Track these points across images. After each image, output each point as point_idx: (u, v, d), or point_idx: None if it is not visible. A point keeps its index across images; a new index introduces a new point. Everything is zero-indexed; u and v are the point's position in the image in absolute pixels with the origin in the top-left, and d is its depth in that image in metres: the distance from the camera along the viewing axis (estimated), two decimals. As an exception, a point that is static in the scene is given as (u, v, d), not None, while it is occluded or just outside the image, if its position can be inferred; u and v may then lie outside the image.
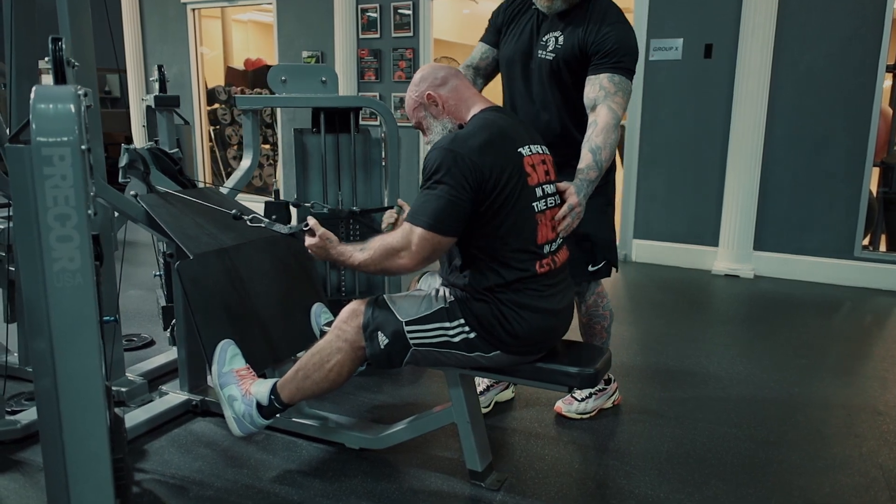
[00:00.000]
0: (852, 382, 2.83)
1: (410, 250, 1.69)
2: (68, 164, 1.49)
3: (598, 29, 2.08)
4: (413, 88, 1.91)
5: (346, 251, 1.81)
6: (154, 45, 6.97)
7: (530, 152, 1.82)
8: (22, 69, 2.42)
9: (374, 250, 1.75)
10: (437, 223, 1.67)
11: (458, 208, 1.67)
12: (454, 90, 1.88)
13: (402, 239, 1.70)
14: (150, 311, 3.62)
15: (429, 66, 1.94)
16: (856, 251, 4.33)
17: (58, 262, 1.52)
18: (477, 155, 1.68)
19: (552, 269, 1.83)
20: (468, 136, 1.73)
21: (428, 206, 1.68)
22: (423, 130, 1.94)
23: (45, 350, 1.59)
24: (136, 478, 2.04)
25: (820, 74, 4.24)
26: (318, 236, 1.84)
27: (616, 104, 2.04)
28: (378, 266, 1.76)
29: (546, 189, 1.85)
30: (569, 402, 2.46)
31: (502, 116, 1.85)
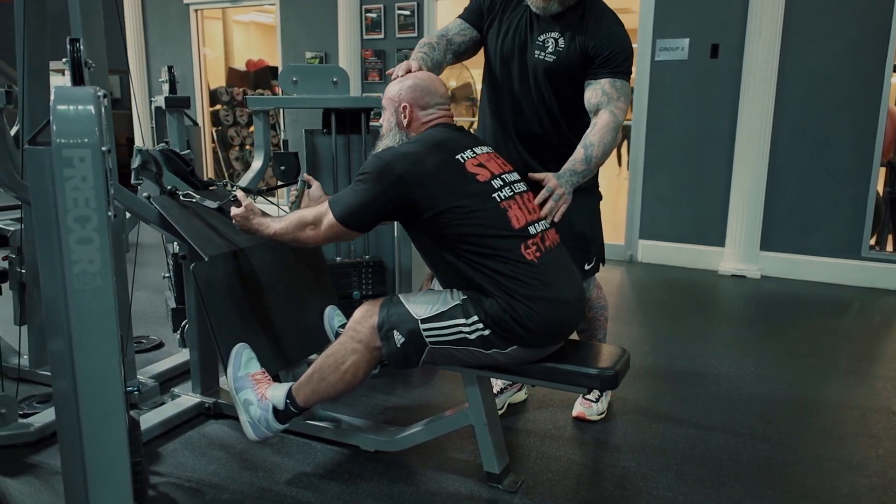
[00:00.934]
0: (864, 383, 2.83)
1: (319, 229, 1.84)
2: (89, 166, 1.49)
3: (598, 32, 2.09)
4: (399, 86, 1.95)
5: (265, 222, 1.95)
6: (156, 46, 6.96)
7: (473, 154, 1.87)
8: (33, 71, 2.41)
9: (290, 222, 1.89)
10: (347, 217, 1.80)
11: (370, 210, 1.80)
12: (428, 116, 1.93)
13: (316, 217, 1.84)
14: (158, 313, 3.61)
15: (428, 80, 1.96)
16: (863, 251, 4.33)
17: (78, 264, 1.51)
18: (404, 166, 1.76)
19: (542, 250, 1.82)
20: (401, 148, 1.84)
21: (347, 199, 1.81)
22: (381, 121, 2.01)
23: (64, 352, 1.59)
24: (152, 481, 2.03)
25: (826, 75, 4.24)
26: (244, 206, 1.98)
27: (618, 109, 2.06)
28: (290, 235, 1.89)
29: (506, 178, 1.88)
30: (587, 405, 2.45)
31: (443, 130, 1.91)
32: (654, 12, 4.63)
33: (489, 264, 1.77)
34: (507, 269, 1.76)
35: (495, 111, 2.31)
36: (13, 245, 2.61)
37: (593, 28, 2.09)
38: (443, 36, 2.29)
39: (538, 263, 1.79)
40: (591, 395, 2.46)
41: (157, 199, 2.23)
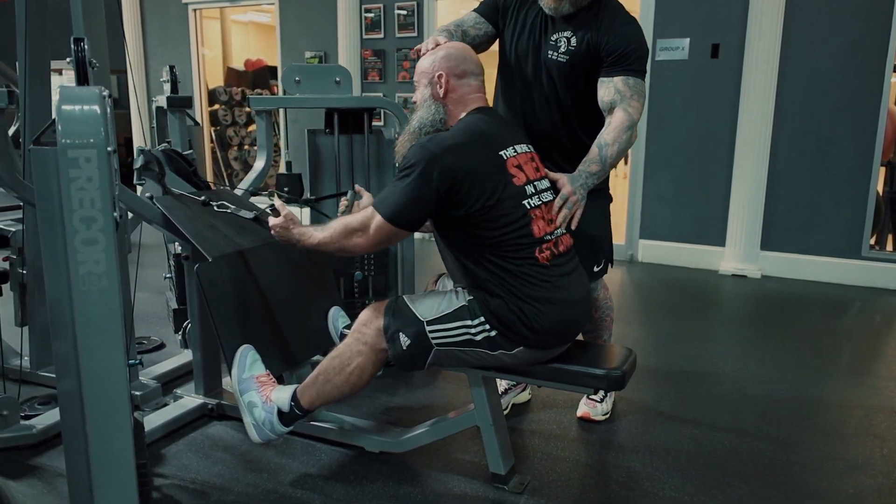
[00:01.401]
0: (867, 382, 2.83)
1: (367, 233, 1.75)
2: (94, 167, 1.48)
3: (611, 30, 2.06)
4: (432, 58, 1.89)
5: (307, 231, 1.85)
6: (155, 46, 6.94)
7: (514, 153, 1.82)
8: (34, 71, 2.40)
9: (335, 230, 1.80)
10: (396, 216, 1.72)
11: (419, 206, 1.71)
12: (465, 86, 1.88)
13: (363, 221, 1.75)
14: (159, 314, 3.60)
15: (461, 49, 1.92)
16: (863, 251, 4.34)
17: (83, 265, 1.50)
18: (452, 158, 1.70)
19: (555, 254, 1.82)
20: (448, 138, 1.75)
21: (393, 197, 1.72)
22: (415, 97, 1.95)
23: (69, 353, 1.58)
24: (156, 483, 2.02)
25: (827, 75, 4.25)
26: (283, 216, 1.88)
27: (633, 108, 2.03)
28: (336, 244, 1.80)
29: (537, 185, 1.85)
30: (592, 405, 2.44)
31: (486, 119, 1.86)
32: (654, 12, 4.62)
33: (502, 264, 1.76)
34: (517, 271, 1.76)
35: (508, 108, 2.31)
36: (14, 246, 2.60)
37: (606, 26, 2.07)
38: (458, 26, 2.27)
39: (549, 265, 1.79)
40: (595, 395, 2.45)
41: (161, 199, 2.22)
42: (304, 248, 1.89)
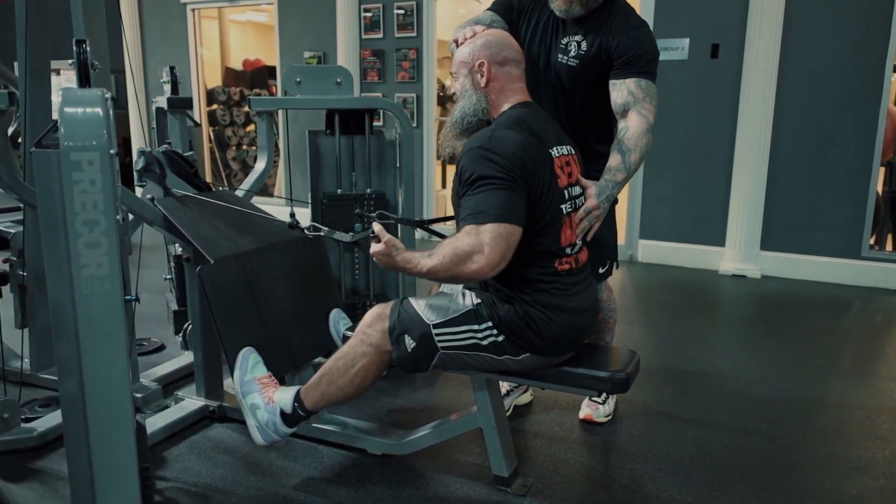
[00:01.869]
0: (868, 383, 2.83)
1: (483, 252, 1.60)
2: (97, 169, 1.47)
3: (621, 33, 2.04)
4: (471, 47, 1.84)
5: (414, 258, 1.72)
6: (153, 46, 6.92)
7: (559, 153, 1.80)
8: (35, 72, 2.39)
9: (444, 255, 1.64)
10: (505, 213, 1.61)
11: (517, 195, 1.64)
12: (506, 76, 1.83)
13: (473, 241, 1.61)
14: (159, 315, 3.59)
15: (501, 35, 1.87)
16: (863, 251, 4.34)
17: (86, 268, 1.50)
18: (518, 150, 1.66)
19: (573, 267, 1.81)
20: (505, 134, 1.69)
21: (486, 201, 1.62)
22: (454, 88, 1.89)
23: (71, 355, 1.57)
24: (158, 486, 2.01)
25: (827, 75, 4.25)
26: (384, 242, 1.74)
27: (646, 111, 2.02)
28: (449, 272, 1.65)
29: (572, 191, 1.83)
30: (594, 407, 2.43)
31: (533, 115, 1.82)
32: (654, 12, 4.62)
33: (519, 271, 1.73)
34: (533, 278, 1.75)
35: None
36: (14, 247, 2.59)
37: (617, 28, 2.05)
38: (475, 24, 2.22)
39: (563, 275, 1.78)
40: (598, 396, 2.45)
41: (162, 200, 2.21)
42: (411, 275, 1.77)
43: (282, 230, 2.42)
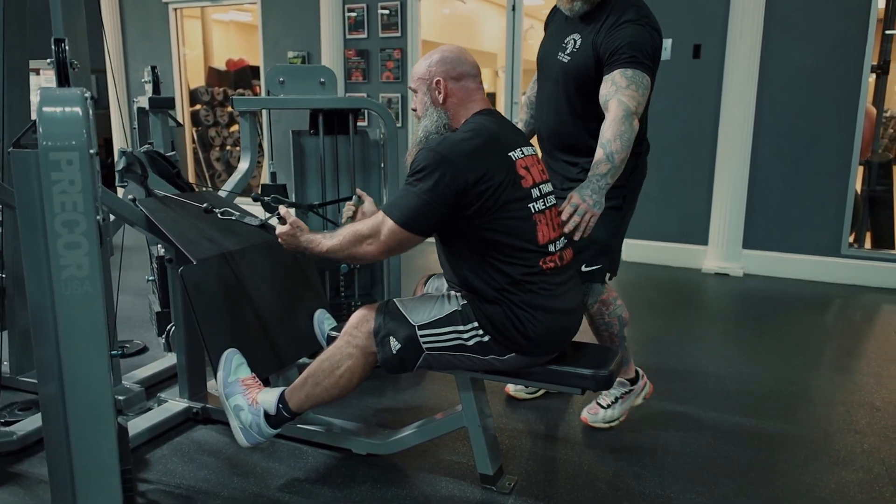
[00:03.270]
0: (848, 379, 2.87)
1: (379, 239, 1.73)
2: (76, 169, 1.46)
3: (610, 30, 2.04)
4: (427, 63, 1.86)
5: (316, 238, 1.84)
6: (135, 46, 6.86)
7: (522, 154, 1.81)
8: (13, 71, 2.36)
9: (344, 237, 1.78)
10: (409, 220, 1.69)
11: (432, 210, 1.68)
12: (463, 89, 1.85)
13: (373, 227, 1.73)
14: (141, 317, 3.55)
15: (457, 51, 1.88)
16: (842, 249, 4.40)
17: (66, 269, 1.49)
18: (464, 161, 1.68)
19: (558, 266, 1.82)
20: (459, 141, 1.73)
21: (404, 201, 1.70)
22: (414, 105, 1.92)
23: (51, 358, 1.56)
24: (141, 488, 1.99)
25: (807, 75, 4.30)
26: (290, 224, 1.86)
27: (627, 96, 1.95)
28: (346, 252, 1.78)
29: (542, 189, 1.84)
30: (594, 411, 2.38)
31: (494, 121, 1.84)
32: (636, 13, 4.66)
33: (506, 270, 1.74)
34: (521, 277, 1.75)
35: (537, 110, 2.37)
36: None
37: (608, 26, 2.04)
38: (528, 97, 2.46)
39: (549, 275, 1.79)
40: (603, 399, 2.39)
41: (143, 201, 2.19)
42: (312, 255, 1.87)
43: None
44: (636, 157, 2.18)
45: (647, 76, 2.00)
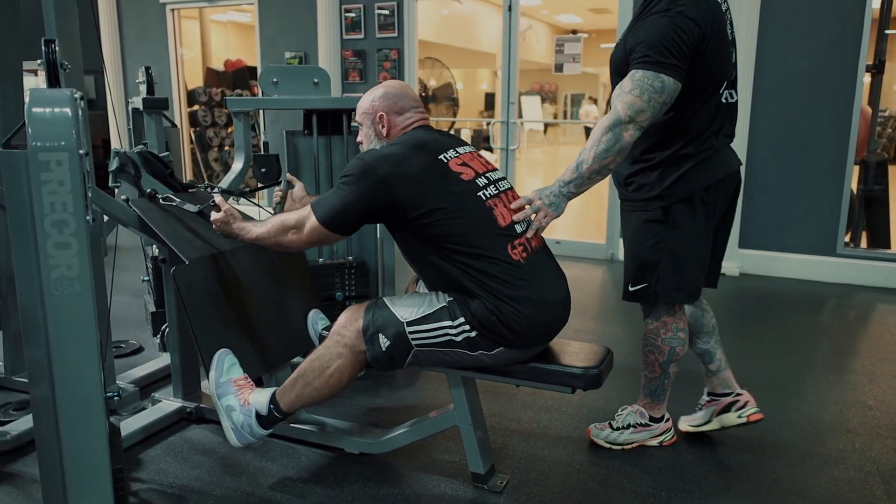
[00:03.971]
0: (842, 378, 2.87)
1: (302, 232, 1.82)
2: (66, 170, 1.47)
3: (638, 20, 1.91)
4: (371, 98, 1.96)
5: (247, 226, 1.92)
6: (132, 46, 6.86)
7: (456, 154, 1.87)
8: (6, 72, 2.37)
9: (272, 225, 1.87)
10: (330, 220, 1.79)
11: (354, 212, 1.78)
12: (405, 121, 1.94)
13: (299, 220, 1.82)
14: (136, 317, 3.57)
15: (400, 87, 1.97)
16: (838, 248, 4.40)
17: (56, 269, 1.49)
18: (388, 168, 1.75)
19: (529, 252, 1.83)
20: (384, 150, 1.82)
21: (330, 201, 1.79)
22: (360, 137, 2.01)
23: (42, 358, 1.56)
24: (133, 487, 2.00)
25: (803, 74, 4.31)
26: (223, 211, 1.95)
27: (623, 103, 1.83)
28: (272, 240, 1.87)
29: (490, 176, 1.89)
30: (602, 426, 2.28)
31: (425, 132, 1.92)
32: (630, 13, 4.67)
33: (475, 264, 1.77)
34: (492, 270, 1.76)
35: None
36: (-14, 250, 2.56)
37: (633, 23, 1.93)
38: None
39: (524, 264, 1.80)
40: (617, 420, 2.27)
41: (136, 201, 2.20)
42: (243, 241, 1.96)
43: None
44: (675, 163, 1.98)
45: (661, 76, 1.81)
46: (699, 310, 2.28)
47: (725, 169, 2.03)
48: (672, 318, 2.14)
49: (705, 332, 2.29)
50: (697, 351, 2.30)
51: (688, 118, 1.94)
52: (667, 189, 1.99)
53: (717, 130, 1.99)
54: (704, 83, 1.92)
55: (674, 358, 2.17)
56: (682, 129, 1.96)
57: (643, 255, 2.07)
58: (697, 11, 1.83)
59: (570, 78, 11.47)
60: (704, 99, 1.94)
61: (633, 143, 1.86)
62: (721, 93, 1.98)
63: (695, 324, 2.28)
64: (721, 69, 1.95)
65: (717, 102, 1.97)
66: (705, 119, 1.96)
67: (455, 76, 9.15)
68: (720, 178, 2.01)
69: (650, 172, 2.02)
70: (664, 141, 1.98)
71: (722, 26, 1.93)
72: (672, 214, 2.01)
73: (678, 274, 2.05)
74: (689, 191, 1.99)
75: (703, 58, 1.86)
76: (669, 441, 2.27)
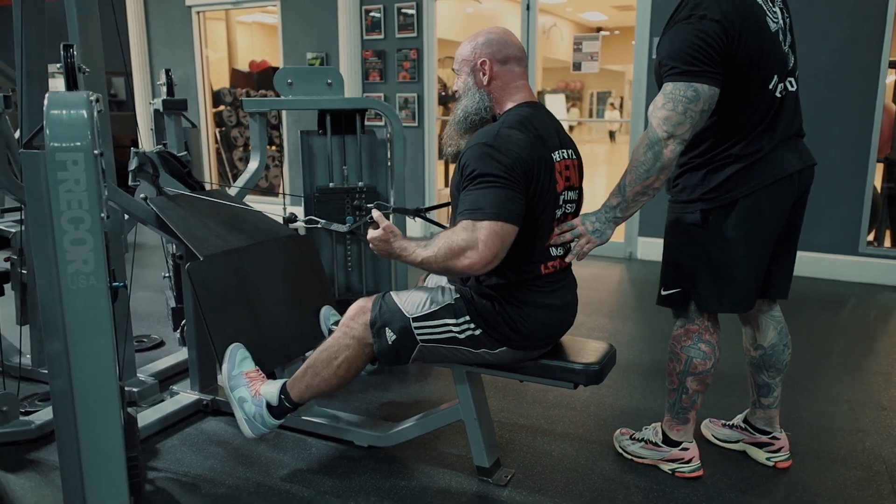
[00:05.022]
0: (856, 377, 2.84)
1: (478, 248, 1.61)
2: (81, 169, 1.53)
3: (665, 30, 1.84)
4: (472, 44, 1.82)
5: (410, 247, 1.74)
6: (159, 48, 7.02)
7: (560, 157, 1.79)
8: (32, 74, 2.45)
9: (439, 248, 1.66)
10: (502, 211, 1.61)
11: (517, 195, 1.64)
12: (509, 73, 1.81)
13: (468, 237, 1.62)
14: (159, 313, 3.66)
15: (502, 32, 1.84)
16: (860, 247, 4.34)
17: (72, 264, 1.56)
18: (522, 150, 1.66)
19: (556, 270, 1.85)
20: (510, 133, 1.68)
21: (485, 198, 1.61)
22: (456, 86, 1.88)
23: (60, 351, 1.63)
24: (150, 476, 2.07)
25: (824, 71, 4.25)
26: (383, 228, 1.77)
27: (658, 118, 1.75)
28: (442, 265, 1.67)
29: (567, 195, 1.83)
30: (626, 432, 2.24)
31: (537, 115, 1.79)
32: (650, 10, 4.65)
33: (503, 269, 1.74)
34: (516, 278, 1.77)
35: None
36: (14, 246, 2.67)
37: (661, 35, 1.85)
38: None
39: (544, 274, 1.81)
40: (641, 432, 2.20)
41: (154, 200, 2.27)
42: (405, 262, 1.78)
43: (273, 227, 2.48)
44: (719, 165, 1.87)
45: (694, 85, 1.72)
46: (782, 344, 2.13)
47: (777, 172, 1.86)
48: (698, 328, 2.02)
49: (777, 368, 2.13)
50: (758, 381, 2.16)
51: (731, 119, 1.84)
52: (709, 192, 1.88)
53: (769, 129, 1.86)
54: (745, 82, 1.80)
55: (691, 370, 2.01)
56: (728, 131, 1.85)
57: (679, 260, 2.00)
58: (722, 12, 1.73)
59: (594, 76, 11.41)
60: (749, 97, 1.82)
61: (675, 158, 1.77)
62: (772, 87, 1.84)
63: (772, 356, 2.13)
64: (766, 63, 1.82)
65: (769, 97, 1.84)
66: (754, 118, 1.84)
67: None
68: (768, 184, 1.85)
69: (694, 173, 1.92)
70: (709, 142, 1.88)
71: (759, 18, 1.79)
72: (713, 219, 1.90)
73: (719, 283, 1.93)
74: (732, 196, 1.86)
75: (735, 58, 1.75)
76: (685, 474, 2.07)
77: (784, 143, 1.89)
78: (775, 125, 1.87)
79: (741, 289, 1.94)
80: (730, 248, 1.90)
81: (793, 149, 1.92)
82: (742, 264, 1.91)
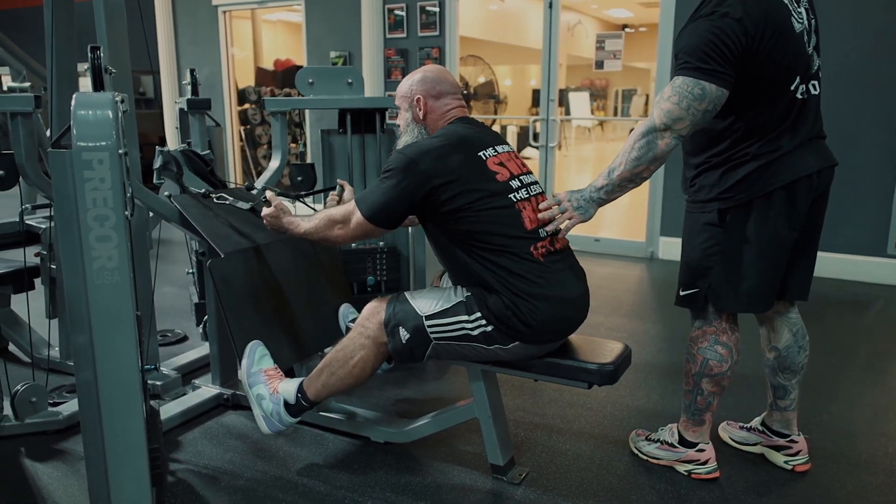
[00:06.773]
0: (880, 381, 2.80)
1: (348, 227, 1.89)
2: (107, 168, 1.57)
3: (685, 24, 1.84)
4: (410, 83, 2.00)
5: (295, 220, 2.02)
6: (186, 47, 7.13)
7: (495, 153, 1.91)
8: (62, 74, 2.52)
9: (319, 220, 1.95)
10: (374, 214, 1.84)
11: (397, 206, 1.83)
12: (443, 106, 1.98)
13: (344, 215, 1.89)
14: (183, 308, 3.73)
15: (438, 72, 2.01)
16: (889, 248, 4.26)
17: (97, 260, 1.60)
18: (428, 163, 1.79)
19: (550, 251, 1.87)
20: (425, 144, 1.86)
21: (373, 197, 1.85)
22: (398, 121, 2.06)
23: (86, 344, 1.68)
24: (171, 467, 2.12)
25: (850, 70, 4.17)
26: (274, 206, 2.05)
27: (661, 109, 1.75)
28: (320, 234, 1.95)
29: (523, 179, 1.93)
30: (642, 434, 2.25)
31: (467, 126, 1.95)
32: (675, 7, 4.61)
33: (497, 260, 1.81)
34: (513, 266, 1.81)
35: None
36: (45, 242, 2.74)
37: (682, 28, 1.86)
38: None
39: (544, 262, 1.83)
40: (657, 433, 2.20)
41: (177, 197, 2.32)
42: (292, 235, 2.05)
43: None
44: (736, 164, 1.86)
45: (702, 83, 1.71)
46: (797, 346, 2.13)
47: (795, 172, 1.84)
48: (715, 329, 2.00)
49: (792, 370, 2.13)
50: (774, 383, 2.15)
51: (751, 119, 1.82)
52: (726, 191, 1.87)
53: (788, 129, 1.84)
54: (766, 82, 1.78)
55: (706, 372, 1.99)
56: (747, 131, 1.83)
57: (696, 259, 1.99)
58: (744, 11, 1.71)
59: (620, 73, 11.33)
60: (769, 98, 1.80)
61: (669, 152, 1.78)
62: (793, 88, 1.82)
63: (786, 358, 2.13)
64: (788, 64, 1.79)
65: (790, 98, 1.82)
66: (774, 119, 1.82)
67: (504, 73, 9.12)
68: (786, 183, 1.84)
69: (712, 172, 1.91)
70: (728, 142, 1.87)
71: (783, 18, 1.77)
72: (730, 219, 1.89)
73: (733, 282, 1.92)
74: (749, 195, 1.85)
75: (755, 58, 1.73)
76: (701, 476, 2.06)
77: (804, 145, 1.88)
78: (796, 127, 1.86)
79: (758, 289, 1.93)
80: (746, 247, 1.89)
81: (813, 149, 1.90)
82: (758, 264, 1.90)
